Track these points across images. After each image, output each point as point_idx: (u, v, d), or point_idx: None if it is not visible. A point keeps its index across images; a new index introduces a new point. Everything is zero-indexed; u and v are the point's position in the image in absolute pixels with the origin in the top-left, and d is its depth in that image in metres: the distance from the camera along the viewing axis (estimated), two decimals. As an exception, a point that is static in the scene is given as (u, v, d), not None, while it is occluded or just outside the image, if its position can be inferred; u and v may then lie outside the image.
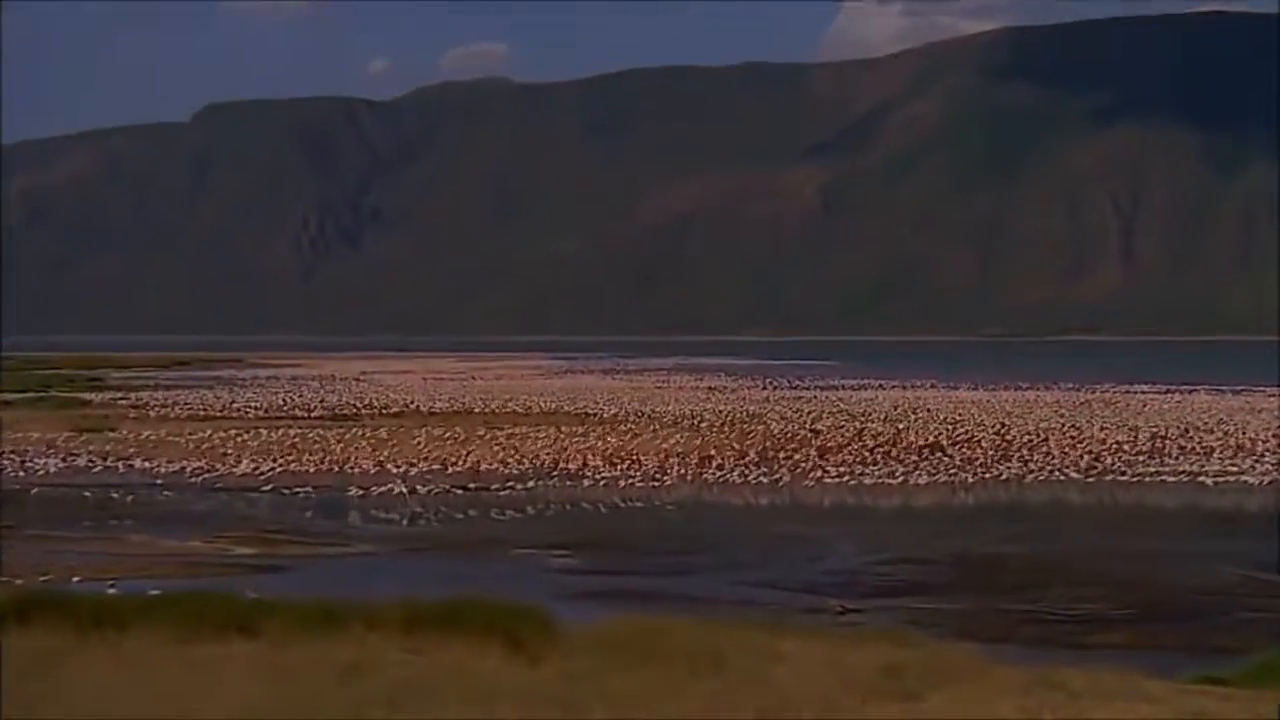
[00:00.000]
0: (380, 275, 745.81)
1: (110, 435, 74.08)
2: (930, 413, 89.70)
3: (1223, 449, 67.75)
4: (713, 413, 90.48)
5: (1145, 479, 58.53)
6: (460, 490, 54.62)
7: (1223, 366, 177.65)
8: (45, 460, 63.08)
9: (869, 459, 63.47)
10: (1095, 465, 62.25)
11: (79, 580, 33.59)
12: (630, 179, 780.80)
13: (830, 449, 66.69)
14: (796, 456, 64.01)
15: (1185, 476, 59.02)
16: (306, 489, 54.98)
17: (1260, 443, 69.91)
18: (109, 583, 31.90)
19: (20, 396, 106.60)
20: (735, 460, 62.86)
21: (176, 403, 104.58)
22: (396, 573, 36.79)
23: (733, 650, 18.53)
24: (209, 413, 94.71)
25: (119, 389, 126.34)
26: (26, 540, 41.86)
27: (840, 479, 57.81)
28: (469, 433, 73.90)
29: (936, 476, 58.68)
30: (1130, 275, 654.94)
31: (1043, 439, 71.50)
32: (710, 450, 65.36)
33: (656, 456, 63.30)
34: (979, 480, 58.34)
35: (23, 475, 58.73)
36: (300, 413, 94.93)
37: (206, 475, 58.93)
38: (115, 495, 52.81)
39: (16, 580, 32.13)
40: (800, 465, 61.42)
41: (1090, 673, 18.87)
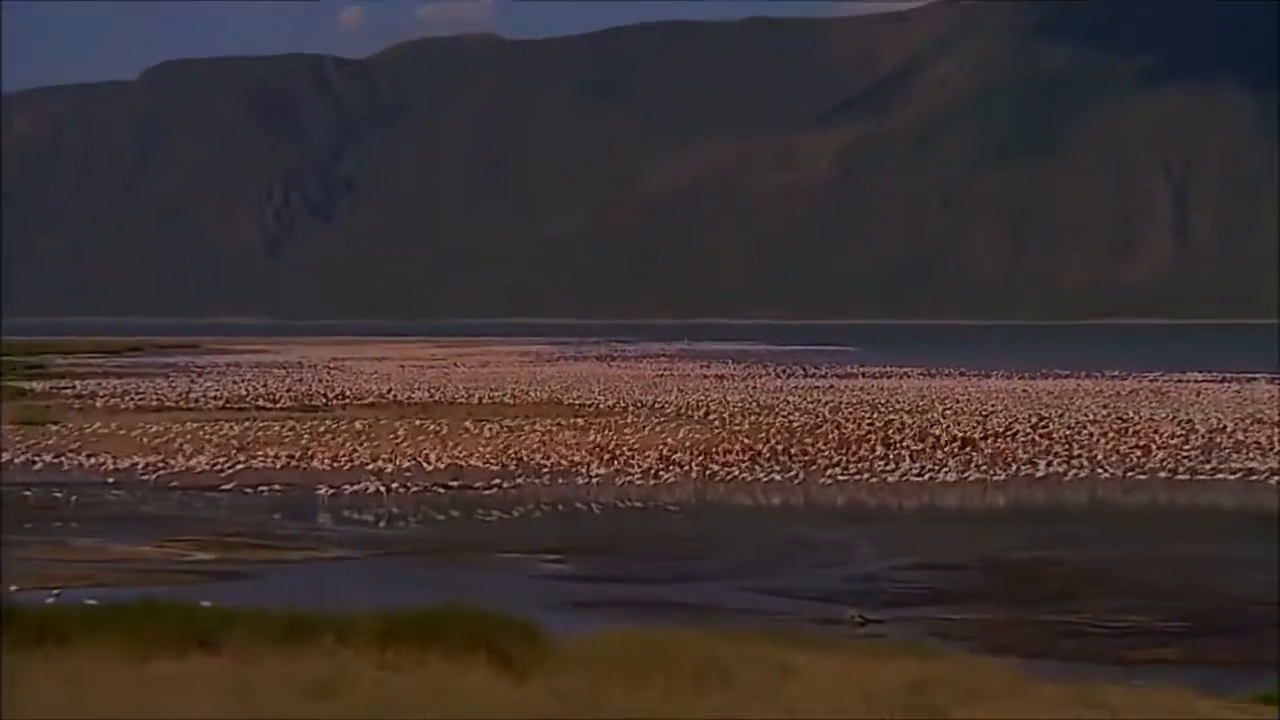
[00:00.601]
0: (353, 252, 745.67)
1: (53, 428, 74.16)
2: (959, 404, 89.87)
3: (1284, 444, 67.85)
4: (720, 403, 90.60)
5: (1198, 477, 58.63)
6: (441, 489, 54.71)
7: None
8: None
9: (891, 454, 63.59)
10: (1143, 461, 62.36)
11: (16, 589, 33.56)
12: (629, 147, 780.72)
13: (849, 443, 66.81)
14: (812, 451, 64.11)
15: (1242, 475, 59.11)
16: (271, 487, 55.05)
17: (1326, 438, 70.01)
18: (52, 592, 31.91)
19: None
20: (745, 456, 62.94)
21: (127, 392, 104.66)
22: (371, 580, 36.87)
23: (740, 665, 18.56)
24: (163, 403, 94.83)
25: (62, 376, 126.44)
26: (-41, 546, 41.87)
27: (860, 476, 57.89)
28: (451, 426, 73.98)
29: (966, 474, 58.79)
30: (1182, 253, 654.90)
31: (1085, 432, 71.59)
32: (717, 445, 65.44)
33: (658, 451, 63.38)
34: (1013, 478, 58.44)
35: (-46, 474, 58.83)
36: (265, 403, 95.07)
37: (160, 473, 59.00)
38: (59, 495, 52.84)
39: (-54, 590, 32.15)
40: (816, 461, 61.51)
41: (1136, 690, 18.91)
